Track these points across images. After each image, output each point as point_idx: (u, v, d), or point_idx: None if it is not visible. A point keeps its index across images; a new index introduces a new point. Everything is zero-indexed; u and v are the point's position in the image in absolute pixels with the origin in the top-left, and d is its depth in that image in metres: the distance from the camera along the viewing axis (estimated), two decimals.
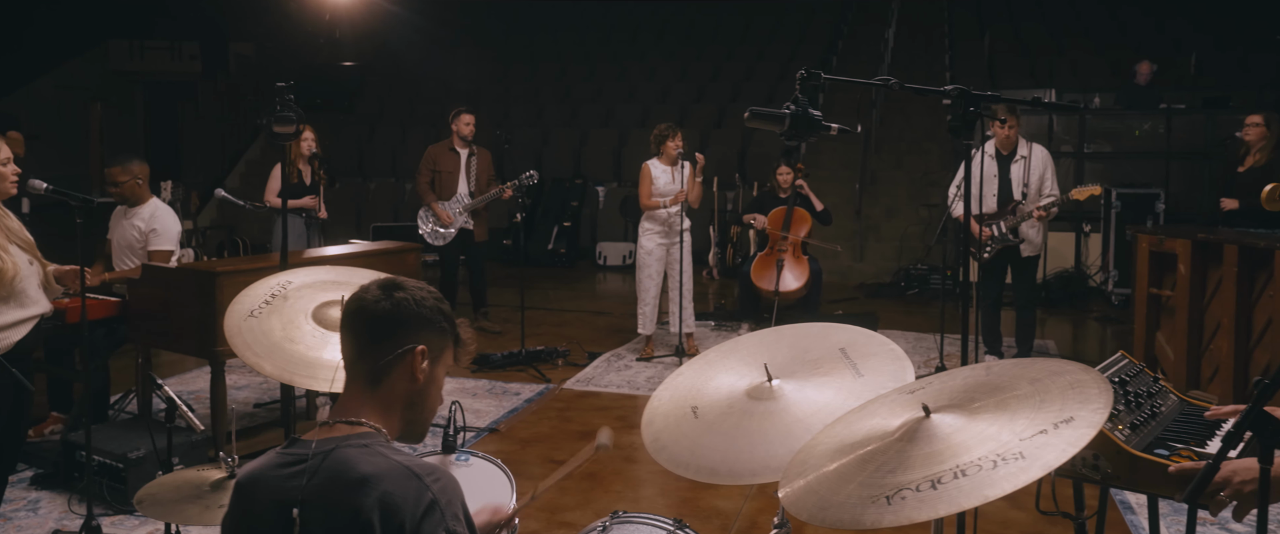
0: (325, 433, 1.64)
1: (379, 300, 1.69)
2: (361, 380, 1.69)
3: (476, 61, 15.49)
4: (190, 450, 4.42)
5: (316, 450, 1.59)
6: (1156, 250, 5.69)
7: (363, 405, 1.67)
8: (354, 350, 1.70)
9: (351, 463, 1.56)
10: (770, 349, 2.34)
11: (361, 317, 1.69)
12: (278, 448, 1.67)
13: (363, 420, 1.65)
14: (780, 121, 2.08)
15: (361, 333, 1.69)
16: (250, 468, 1.64)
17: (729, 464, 1.96)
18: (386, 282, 1.72)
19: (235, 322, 2.44)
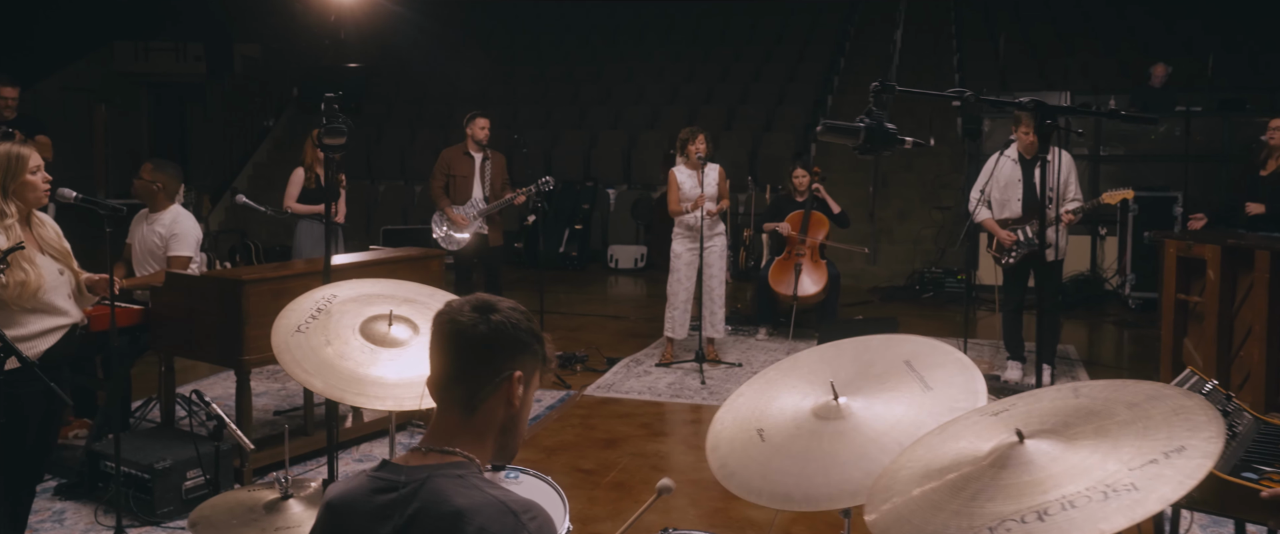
0: (418, 460, 1.59)
1: (476, 323, 1.61)
2: (456, 406, 1.62)
3: (482, 63, 15.44)
4: (214, 461, 4.38)
5: (410, 478, 1.54)
6: (1184, 256, 5.64)
7: (457, 432, 1.61)
8: (447, 374, 1.63)
9: (446, 495, 1.51)
10: (831, 364, 2.29)
11: (457, 340, 1.62)
12: (367, 471, 1.62)
13: (456, 449, 1.59)
14: (855, 135, 2.03)
15: (456, 357, 1.62)
16: (341, 491, 1.59)
17: (804, 489, 1.92)
18: (480, 303, 1.65)
19: (283, 337, 2.39)
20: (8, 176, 3.38)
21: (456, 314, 1.64)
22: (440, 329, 1.64)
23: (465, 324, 1.62)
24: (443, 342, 1.64)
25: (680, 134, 6.83)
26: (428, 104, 14.37)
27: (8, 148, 3.42)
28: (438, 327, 1.65)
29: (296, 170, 6.83)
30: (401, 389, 2.33)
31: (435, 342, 1.65)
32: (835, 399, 2.11)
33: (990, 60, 14.12)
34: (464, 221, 7.24)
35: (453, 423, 1.62)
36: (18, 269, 3.29)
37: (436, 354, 1.65)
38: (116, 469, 3.76)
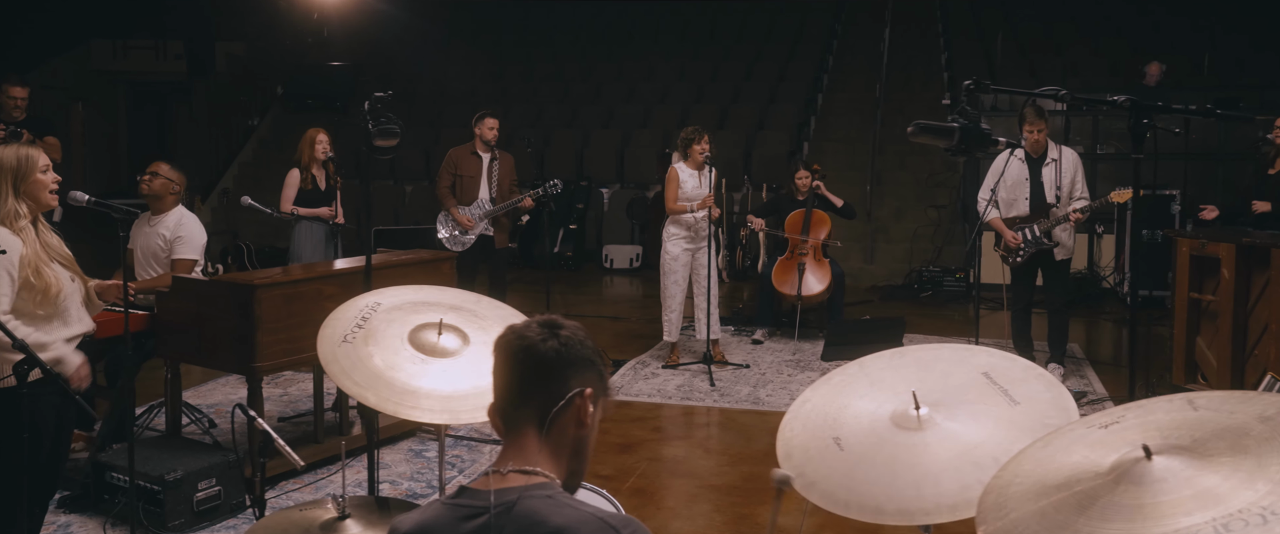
0: (499, 482, 1.53)
1: (545, 339, 1.58)
2: (530, 425, 1.58)
3: (471, 62, 15.30)
4: (226, 471, 4.26)
5: (498, 502, 1.47)
6: (1198, 254, 5.63)
7: (533, 453, 1.56)
8: (517, 393, 1.59)
9: (542, 516, 1.46)
10: (898, 372, 2.23)
11: (528, 358, 1.58)
12: (442, 499, 1.55)
13: (537, 469, 1.53)
14: (949, 136, 1.96)
15: (527, 376, 1.58)
16: (421, 520, 1.52)
17: (897, 503, 1.85)
18: (547, 321, 1.63)
19: (329, 348, 2.29)
20: (18, 177, 3.25)
21: (525, 332, 1.61)
22: (508, 348, 1.60)
23: (535, 343, 1.59)
24: (511, 361, 1.60)
25: (683, 133, 6.75)
26: (418, 103, 14.21)
27: (17, 148, 3.29)
28: (505, 346, 1.61)
29: (292, 171, 6.68)
30: (457, 402, 2.24)
31: (503, 362, 1.61)
32: (916, 410, 2.04)
33: (979, 58, 14.13)
34: (470, 223, 7.12)
35: (530, 442, 1.58)
36: (38, 276, 3.17)
37: (505, 374, 1.61)
38: (130, 481, 3.64)
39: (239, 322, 4.24)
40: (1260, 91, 10.52)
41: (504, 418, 1.60)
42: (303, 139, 6.72)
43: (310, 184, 6.65)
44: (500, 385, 1.61)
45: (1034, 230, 6.14)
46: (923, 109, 13.28)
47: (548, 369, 1.57)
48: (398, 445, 5.21)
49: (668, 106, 13.36)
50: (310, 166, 6.66)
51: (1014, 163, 6.19)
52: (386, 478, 4.73)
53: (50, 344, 3.33)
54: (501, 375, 1.60)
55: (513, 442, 1.58)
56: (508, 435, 1.59)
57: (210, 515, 4.19)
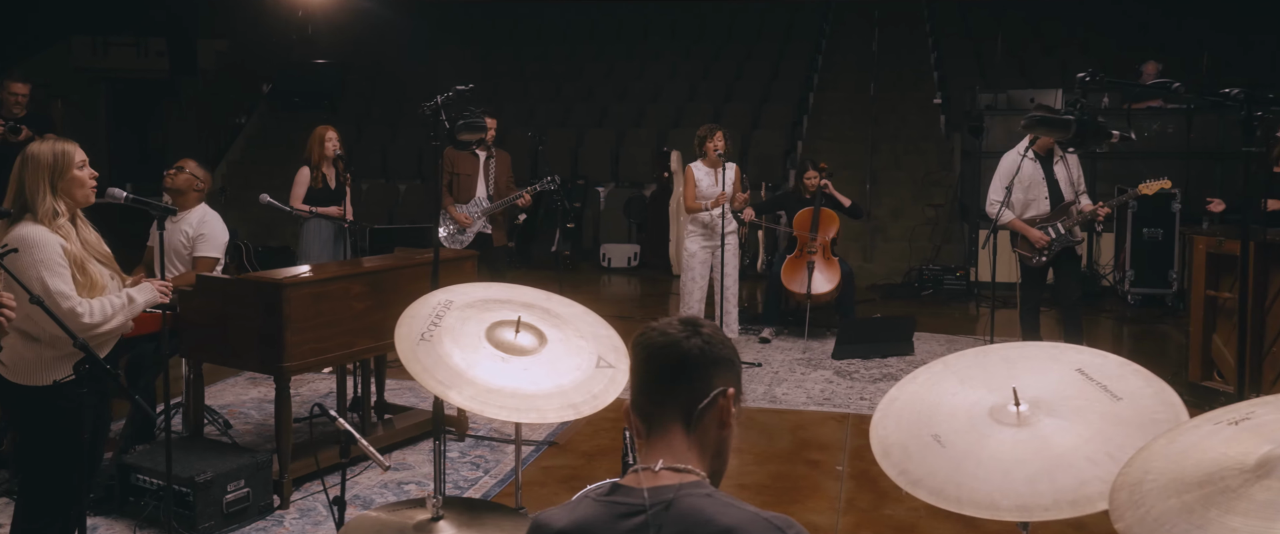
0: (652, 479, 1.50)
1: (689, 337, 1.58)
2: (675, 422, 1.57)
3: (459, 60, 15.20)
4: (254, 473, 4.19)
5: (654, 499, 1.45)
6: (1215, 252, 5.67)
7: (684, 450, 1.55)
8: (661, 391, 1.58)
9: (708, 514, 1.44)
10: (986, 369, 2.21)
11: (673, 355, 1.57)
12: (592, 496, 1.52)
13: (689, 466, 1.51)
14: (1065, 128, 1.94)
15: (673, 374, 1.57)
16: (577, 519, 1.49)
17: (1011, 498, 1.83)
18: (687, 319, 1.63)
19: (408, 346, 2.25)
20: (55, 174, 3.18)
21: (667, 330, 1.61)
22: (651, 345, 1.60)
23: (679, 340, 1.59)
24: (656, 358, 1.59)
25: (698, 132, 6.74)
26: (408, 102, 14.12)
27: (52, 143, 3.22)
28: (648, 343, 1.60)
29: (302, 170, 6.59)
30: (541, 401, 2.20)
31: (646, 358, 1.60)
32: (1016, 406, 2.02)
33: (969, 57, 14.21)
34: (467, 221, 7.06)
35: (675, 441, 1.56)
36: (83, 273, 3.10)
37: (648, 370, 1.60)
38: (167, 484, 3.56)
39: (266, 321, 4.17)
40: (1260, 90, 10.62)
41: (644, 415, 1.58)
42: (312, 137, 6.63)
43: (320, 182, 6.56)
44: (642, 382, 1.59)
45: (1059, 228, 6.11)
46: (914, 108, 13.37)
47: (693, 367, 1.56)
48: (418, 446, 5.15)
49: (661, 105, 13.33)
50: (320, 165, 6.57)
51: (1026, 163, 6.19)
52: (411, 479, 4.67)
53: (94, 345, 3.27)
54: (644, 372, 1.59)
55: (658, 439, 1.56)
56: (650, 433, 1.57)
57: (239, 517, 4.13)
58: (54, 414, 3.18)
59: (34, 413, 3.19)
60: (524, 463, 4.93)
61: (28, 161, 3.16)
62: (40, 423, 3.20)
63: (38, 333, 3.05)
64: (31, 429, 3.15)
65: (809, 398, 6.05)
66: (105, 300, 3.17)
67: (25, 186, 3.14)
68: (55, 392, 3.21)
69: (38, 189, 3.13)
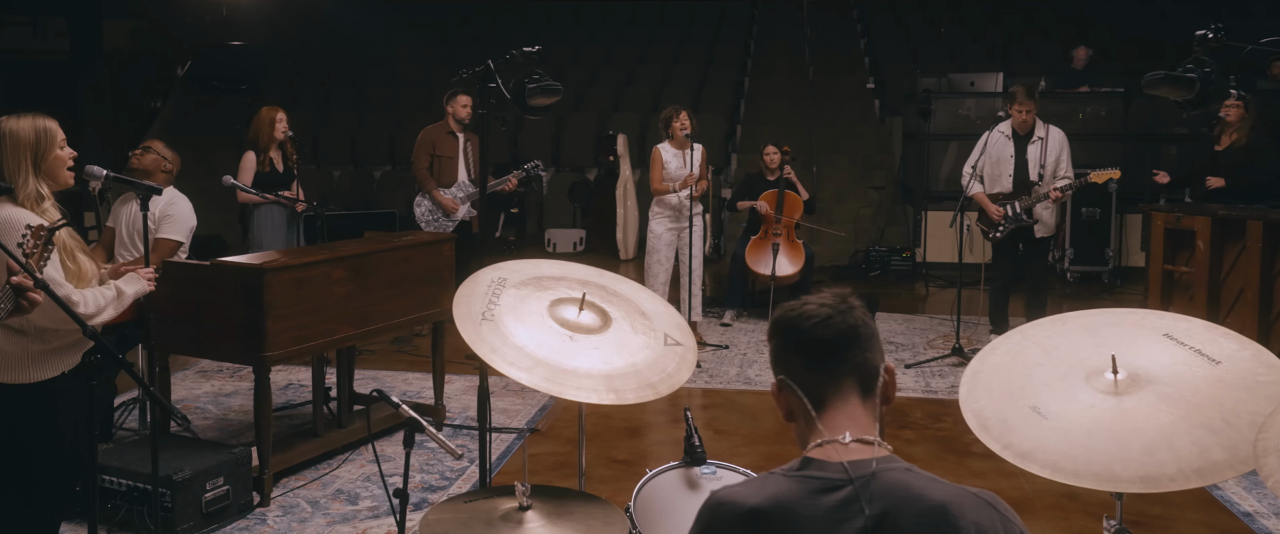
0: (841, 453, 1.42)
1: (850, 309, 1.52)
2: (851, 394, 1.50)
3: (373, 44, 14.82)
4: (233, 469, 3.97)
5: (853, 474, 1.36)
6: (1173, 228, 5.84)
7: (868, 422, 1.48)
8: (835, 363, 1.50)
9: (915, 489, 1.37)
10: (1067, 338, 2.19)
11: (840, 327, 1.50)
12: (781, 472, 1.45)
13: (879, 440, 1.44)
14: (1188, 87, 1.90)
15: (846, 344, 1.50)
16: (770, 494, 1.39)
17: (1133, 469, 1.80)
18: (841, 293, 1.56)
19: (470, 327, 2.11)
20: (38, 154, 2.93)
21: (826, 302, 1.55)
22: (812, 320, 1.52)
23: (844, 312, 1.53)
24: (824, 331, 1.51)
25: (663, 113, 6.66)
26: (371, 86, 13.78)
27: (32, 118, 2.96)
28: (805, 318, 1.52)
29: (248, 154, 6.26)
30: (618, 380, 2.09)
31: (810, 334, 1.52)
32: (1114, 374, 1.99)
33: (901, 42, 14.41)
34: (454, 206, 6.81)
35: (856, 413, 1.49)
36: (73, 261, 2.86)
37: (819, 345, 1.51)
38: (154, 487, 3.34)
39: (246, 308, 3.94)
40: None
41: (814, 390, 1.50)
42: (259, 119, 6.31)
43: (268, 167, 6.26)
44: (810, 358, 1.51)
45: (1015, 207, 6.26)
46: (849, 93, 13.50)
47: (864, 338, 1.51)
48: (394, 437, 4.96)
49: (598, 90, 13.19)
50: (268, 148, 6.27)
51: (1000, 139, 6.30)
52: (395, 471, 4.49)
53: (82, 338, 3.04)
54: (812, 346, 1.51)
55: (836, 412, 1.49)
56: (836, 404, 1.49)
57: (219, 516, 3.91)
58: (40, 414, 2.94)
59: (18, 413, 2.94)
60: (508, 452, 4.79)
61: (5, 138, 2.89)
62: (25, 423, 2.95)
63: (23, 326, 2.81)
64: (16, 429, 2.90)
65: None
66: (98, 292, 2.94)
67: (3, 166, 2.88)
68: (41, 390, 2.97)
69: (19, 169, 2.88)
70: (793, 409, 1.54)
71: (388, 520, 3.97)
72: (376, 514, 4.03)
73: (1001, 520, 1.35)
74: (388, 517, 4.00)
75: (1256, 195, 6.32)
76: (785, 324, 1.53)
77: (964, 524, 1.31)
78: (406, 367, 6.33)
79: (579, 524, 1.87)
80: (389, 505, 4.08)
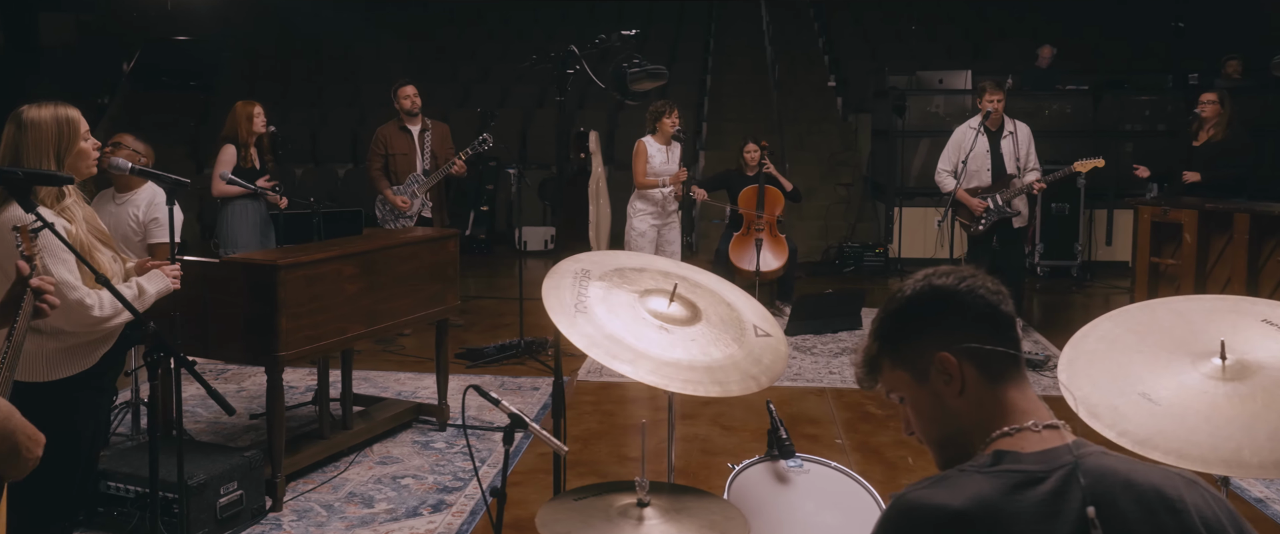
0: (1033, 442, 1.34)
1: (991, 283, 1.45)
2: (1022, 377, 1.43)
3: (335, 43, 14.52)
4: (247, 473, 3.83)
5: (1048, 465, 1.30)
6: (1160, 221, 5.95)
7: (1032, 406, 1.40)
8: (1012, 342, 1.43)
9: (1122, 473, 1.29)
10: (1160, 324, 2.18)
11: (1000, 304, 1.43)
12: (973, 467, 1.33)
13: (1062, 423, 1.39)
14: None
15: (1010, 323, 1.44)
16: (972, 494, 1.27)
17: (1259, 455, 1.79)
18: (966, 270, 1.48)
19: (566, 320, 2.04)
20: (62, 147, 2.79)
21: (979, 276, 1.46)
22: (987, 292, 1.43)
23: (997, 289, 1.45)
24: (988, 306, 1.43)
25: (652, 107, 6.62)
26: (329, 82, 13.47)
27: (55, 107, 2.81)
28: (977, 290, 1.43)
29: (226, 148, 6.07)
30: (721, 373, 2.03)
31: (991, 306, 1.43)
32: (1222, 359, 1.99)
33: (860, 40, 14.55)
34: (406, 204, 6.68)
35: (1031, 397, 1.42)
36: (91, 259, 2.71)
37: (997, 321, 1.43)
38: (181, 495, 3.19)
39: (258, 307, 3.80)
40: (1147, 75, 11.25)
41: (993, 369, 1.40)
42: (235, 113, 6.12)
43: (248, 162, 6.08)
44: (993, 332, 1.41)
45: (997, 199, 6.35)
46: (810, 90, 13.60)
47: (1009, 317, 1.43)
48: (398, 437, 4.84)
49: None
50: (247, 143, 6.09)
51: (973, 135, 6.39)
52: (406, 473, 4.38)
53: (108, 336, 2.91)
54: (993, 320, 1.42)
55: (1018, 393, 1.40)
56: (1009, 386, 1.40)
57: (233, 522, 3.77)
58: (55, 414, 2.79)
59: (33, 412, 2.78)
60: (517, 453, 4.70)
61: (27, 129, 2.74)
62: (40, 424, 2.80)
63: (39, 324, 2.66)
64: None
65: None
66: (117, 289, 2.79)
67: (24, 158, 2.73)
68: (57, 389, 2.84)
69: (41, 163, 2.73)
70: (945, 394, 1.41)
71: (407, 523, 3.86)
72: (395, 517, 3.92)
73: (1212, 498, 1.31)
74: (407, 519, 3.89)
75: (1231, 189, 6.50)
76: (963, 293, 1.42)
77: (1184, 506, 1.27)
78: (396, 366, 6.19)
79: (701, 521, 1.82)
80: (409, 508, 3.98)
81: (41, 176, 2.51)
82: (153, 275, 3.02)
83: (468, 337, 6.92)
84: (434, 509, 3.99)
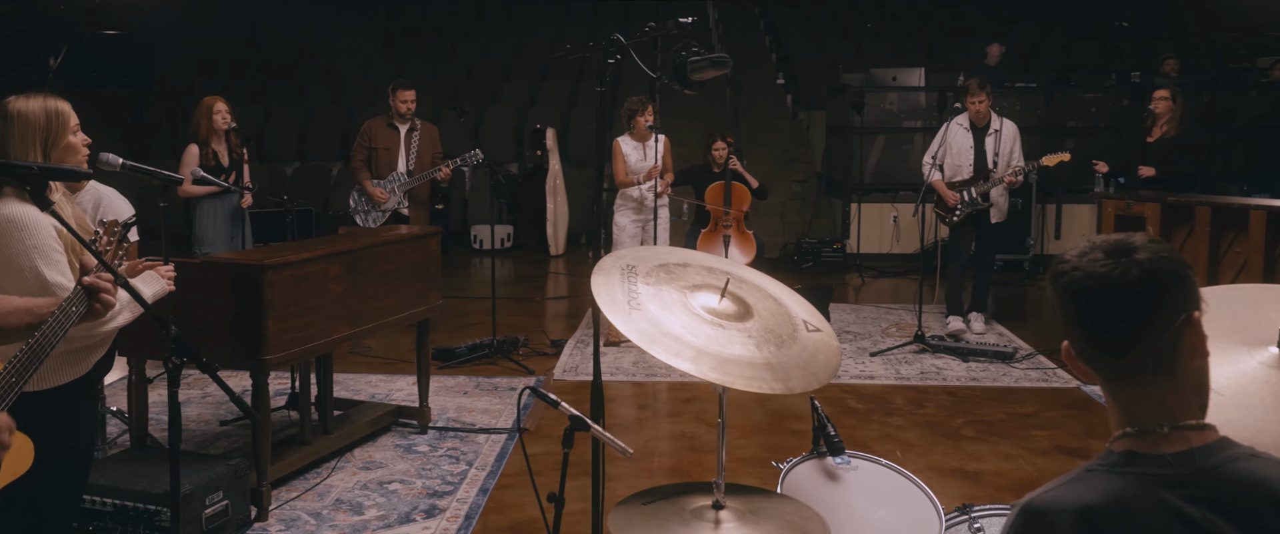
0: (1168, 443, 1.28)
1: (1165, 250, 1.33)
2: (1154, 366, 1.31)
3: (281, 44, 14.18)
4: (232, 483, 3.68)
5: (1193, 466, 1.25)
6: (1123, 215, 6.08)
7: (1176, 402, 1.30)
8: (1133, 332, 1.31)
9: (1263, 478, 1.24)
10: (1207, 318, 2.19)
11: (1143, 280, 1.29)
12: (1104, 466, 1.28)
13: (1205, 423, 1.31)
14: None
15: (1155, 305, 1.30)
16: (1105, 492, 1.23)
17: None
18: (1121, 240, 1.35)
19: (621, 317, 1.98)
20: (49, 140, 2.61)
21: (1097, 255, 1.32)
22: (1104, 277, 1.29)
23: (1157, 253, 1.31)
24: (1144, 286, 1.29)
25: (626, 104, 6.56)
26: (305, 78, 13.11)
27: (43, 99, 2.64)
28: (1139, 266, 1.29)
29: (190, 147, 5.86)
30: (779, 370, 1.99)
31: (1110, 293, 1.29)
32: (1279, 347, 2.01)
33: (807, 38, 14.66)
34: (384, 197, 6.60)
35: (1175, 390, 1.31)
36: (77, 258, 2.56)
37: (1118, 309, 1.30)
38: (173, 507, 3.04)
39: (244, 308, 3.65)
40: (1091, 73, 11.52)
41: (1119, 362, 1.31)
42: (198, 110, 5.91)
43: (212, 159, 5.87)
44: (1097, 327, 1.31)
45: (971, 192, 6.45)
46: (759, 88, 13.66)
47: (1168, 293, 1.30)
48: (379, 441, 4.71)
49: (514, 84, 12.96)
50: (210, 140, 5.88)
51: (960, 132, 6.47)
52: (392, 478, 4.26)
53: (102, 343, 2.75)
54: (1109, 309, 1.30)
55: (1163, 388, 1.31)
56: (1152, 383, 1.31)
57: (221, 532, 3.61)
58: (46, 424, 2.64)
59: (25, 420, 2.63)
60: (504, 456, 4.60)
61: (13, 121, 2.57)
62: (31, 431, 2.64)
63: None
64: None
65: None
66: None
67: (10, 152, 2.56)
68: (48, 398, 2.67)
69: (27, 158, 2.56)
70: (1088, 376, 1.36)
71: (400, 530, 3.75)
72: (387, 524, 3.80)
73: None
74: (401, 525, 3.78)
75: (1184, 183, 6.67)
76: (1069, 287, 1.32)
77: None
78: (364, 368, 6.04)
79: (779, 523, 1.77)
80: (402, 514, 3.87)
81: (57, 172, 2.36)
82: (147, 276, 2.87)
83: (434, 336, 6.76)
84: (428, 514, 3.88)
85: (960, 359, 6.18)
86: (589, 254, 10.40)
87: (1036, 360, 6.21)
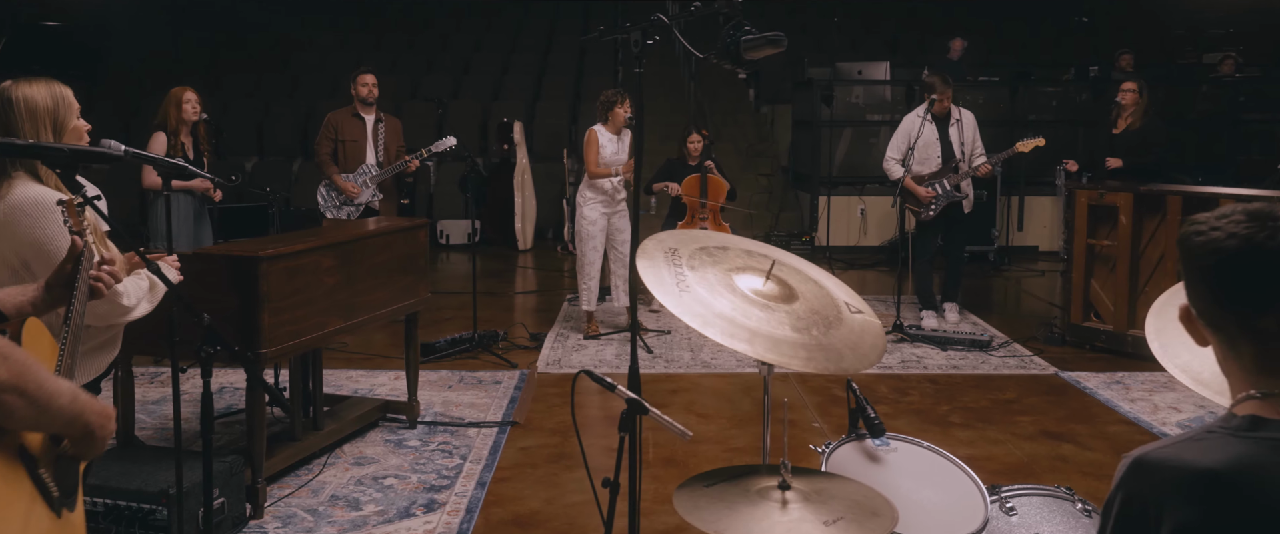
0: (1270, 409, 1.28)
1: None
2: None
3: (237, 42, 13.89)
4: (227, 479, 3.59)
5: None
6: (1096, 204, 6.19)
7: None
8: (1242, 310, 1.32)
9: None
10: None
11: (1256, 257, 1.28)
12: (1226, 430, 1.28)
13: None
14: None
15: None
16: (1228, 458, 1.23)
17: None
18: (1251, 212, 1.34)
19: (672, 299, 1.96)
20: (57, 123, 2.53)
21: (1273, 213, 1.31)
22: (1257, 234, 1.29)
23: None
24: (1271, 251, 1.28)
25: (604, 96, 6.50)
26: (261, 72, 12.81)
27: (46, 83, 2.56)
28: (1251, 233, 1.29)
29: (156, 136, 5.73)
30: (831, 351, 1.99)
31: (1254, 253, 1.29)
32: None
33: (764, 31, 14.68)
34: (356, 191, 6.49)
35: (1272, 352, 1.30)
36: (102, 246, 2.48)
37: (1259, 270, 1.29)
38: (178, 498, 2.95)
39: (239, 301, 3.57)
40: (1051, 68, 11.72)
41: (1251, 324, 1.30)
42: (166, 100, 5.78)
43: (179, 151, 5.73)
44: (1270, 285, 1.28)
45: (944, 184, 6.53)
46: (721, 81, 13.68)
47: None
48: (367, 437, 4.63)
49: (474, 77, 12.84)
50: (179, 131, 5.75)
51: (925, 125, 6.53)
52: (386, 473, 4.19)
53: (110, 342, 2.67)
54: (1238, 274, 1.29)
55: (1251, 353, 1.31)
56: (1253, 347, 1.31)
57: (216, 530, 3.52)
58: None
59: None
60: (497, 449, 4.54)
61: (18, 104, 2.48)
62: None
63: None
64: None
65: (738, 361, 6.01)
66: (134, 281, 2.57)
67: (18, 134, 2.47)
68: None
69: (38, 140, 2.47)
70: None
71: (400, 525, 3.69)
72: (387, 519, 3.74)
73: None
74: (401, 520, 3.72)
75: (1149, 174, 6.82)
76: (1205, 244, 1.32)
77: None
78: (343, 363, 5.94)
79: (846, 503, 1.76)
80: (401, 509, 3.81)
81: (89, 154, 2.29)
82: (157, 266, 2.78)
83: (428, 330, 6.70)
84: (427, 509, 3.83)
85: (939, 348, 6.26)
86: (557, 248, 10.35)
87: (1013, 348, 6.31)
